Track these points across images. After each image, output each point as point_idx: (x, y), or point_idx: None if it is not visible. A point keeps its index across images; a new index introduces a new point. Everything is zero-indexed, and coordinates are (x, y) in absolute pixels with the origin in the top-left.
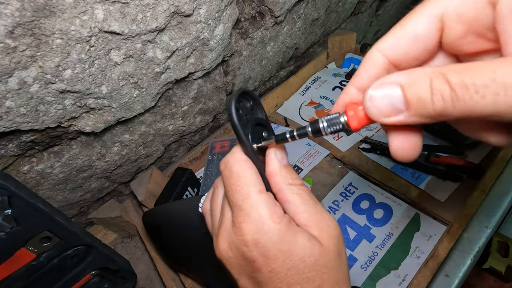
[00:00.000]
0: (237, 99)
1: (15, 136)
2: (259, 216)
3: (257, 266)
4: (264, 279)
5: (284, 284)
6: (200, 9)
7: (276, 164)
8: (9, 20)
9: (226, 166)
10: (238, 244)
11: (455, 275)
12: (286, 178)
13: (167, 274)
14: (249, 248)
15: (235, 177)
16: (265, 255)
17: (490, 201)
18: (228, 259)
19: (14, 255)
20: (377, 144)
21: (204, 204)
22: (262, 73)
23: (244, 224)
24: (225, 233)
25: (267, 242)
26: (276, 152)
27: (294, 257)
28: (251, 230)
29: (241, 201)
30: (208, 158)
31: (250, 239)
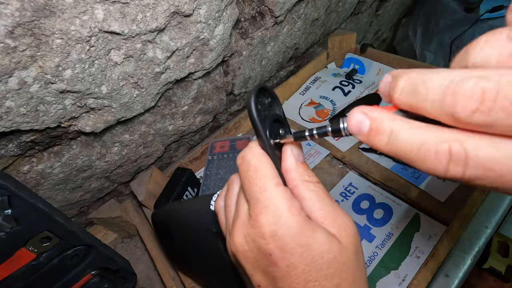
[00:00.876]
0: (256, 94)
1: (15, 136)
2: (277, 208)
3: (273, 260)
4: (280, 274)
5: (301, 280)
6: (200, 9)
7: (293, 160)
8: (9, 20)
9: (244, 159)
10: (254, 237)
11: (455, 275)
12: (302, 175)
13: (167, 274)
14: (266, 240)
15: (252, 170)
16: (283, 248)
17: (490, 201)
18: (243, 252)
19: (14, 255)
20: None
21: (218, 201)
22: (262, 73)
23: (262, 216)
24: (241, 226)
25: (285, 234)
26: (292, 149)
27: (313, 252)
28: (268, 222)
29: (258, 194)
30: (208, 158)
31: (267, 231)
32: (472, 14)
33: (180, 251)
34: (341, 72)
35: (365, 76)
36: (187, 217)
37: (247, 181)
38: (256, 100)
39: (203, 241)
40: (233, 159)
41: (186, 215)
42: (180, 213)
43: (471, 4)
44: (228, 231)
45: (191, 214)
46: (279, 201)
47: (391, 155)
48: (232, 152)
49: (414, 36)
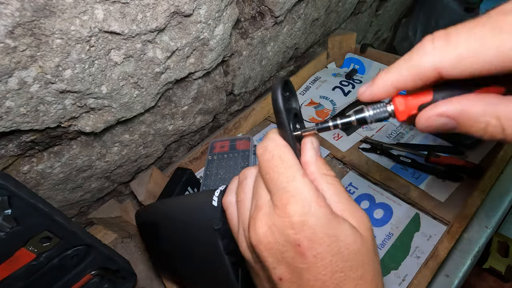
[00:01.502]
0: (283, 85)
1: (15, 136)
2: (306, 198)
3: (301, 250)
4: (306, 266)
5: (328, 271)
6: (200, 9)
7: (313, 153)
8: (9, 20)
9: (266, 149)
10: (281, 227)
11: (455, 275)
12: (321, 168)
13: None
14: (295, 230)
15: (277, 160)
16: (311, 239)
17: (490, 201)
18: (267, 244)
19: (14, 255)
20: (377, 144)
21: (227, 196)
22: (262, 73)
23: (290, 206)
24: (264, 217)
25: (314, 224)
26: (313, 142)
27: (340, 243)
28: (297, 212)
29: (285, 183)
30: (208, 158)
31: (297, 221)
32: (472, 14)
33: (167, 252)
34: (341, 72)
35: (365, 76)
36: (182, 214)
37: (271, 170)
38: (282, 91)
39: (199, 240)
40: (233, 159)
41: (180, 212)
42: (172, 210)
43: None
44: (243, 225)
45: (187, 211)
46: (308, 192)
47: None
48: (232, 152)
49: (414, 36)
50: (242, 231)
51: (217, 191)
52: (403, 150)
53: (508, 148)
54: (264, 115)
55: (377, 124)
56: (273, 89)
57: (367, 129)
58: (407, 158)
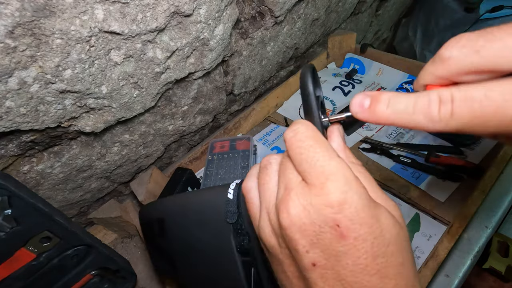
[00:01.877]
0: (312, 70)
1: (15, 136)
2: (346, 177)
3: (341, 231)
4: (345, 248)
5: (369, 255)
6: (200, 9)
7: (341, 141)
8: (9, 20)
9: (297, 132)
10: (319, 206)
11: (455, 275)
12: (349, 157)
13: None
14: (334, 209)
15: (312, 141)
16: (352, 219)
17: (490, 201)
18: (301, 226)
19: (14, 255)
20: (377, 144)
21: (247, 182)
22: (262, 73)
23: (330, 183)
24: (297, 197)
25: (356, 203)
26: (339, 129)
27: (382, 225)
28: (338, 189)
29: (323, 162)
30: (208, 158)
31: (336, 199)
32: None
33: (171, 250)
34: (341, 72)
35: (365, 76)
36: (191, 210)
37: (306, 150)
38: (312, 77)
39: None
40: (233, 159)
41: (189, 208)
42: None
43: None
44: (267, 209)
45: (198, 206)
46: (348, 171)
47: (390, 122)
48: (232, 152)
49: (414, 36)
50: (266, 215)
51: (233, 184)
52: (403, 150)
53: (508, 148)
54: (264, 115)
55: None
56: (302, 75)
57: (367, 129)
58: (407, 158)
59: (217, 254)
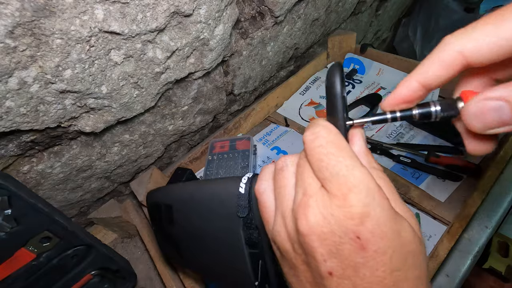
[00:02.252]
0: (341, 69)
1: (15, 136)
2: (369, 188)
3: (361, 243)
4: (364, 260)
5: (388, 267)
6: (200, 9)
7: (363, 144)
8: (9, 20)
9: (318, 136)
10: (340, 217)
11: (455, 275)
12: (371, 162)
13: (167, 274)
14: (355, 221)
15: (332, 147)
16: (373, 232)
17: (490, 201)
18: (320, 234)
19: (14, 255)
20: (377, 144)
21: (261, 184)
22: (262, 73)
23: (352, 195)
24: (317, 205)
25: (379, 216)
26: (362, 133)
27: (402, 239)
28: (360, 201)
29: (345, 171)
30: (208, 158)
31: (359, 212)
32: (472, 14)
33: (177, 236)
34: None
35: (365, 76)
36: (202, 199)
37: (326, 157)
38: (341, 76)
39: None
40: (233, 159)
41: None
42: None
43: (471, 4)
44: (282, 214)
45: (209, 196)
46: (371, 182)
47: None
48: (232, 152)
49: (414, 36)
50: (281, 219)
51: (245, 178)
52: (403, 150)
53: (508, 148)
54: (264, 115)
55: (377, 124)
56: (331, 73)
57: (367, 129)
58: (407, 158)
59: (225, 245)
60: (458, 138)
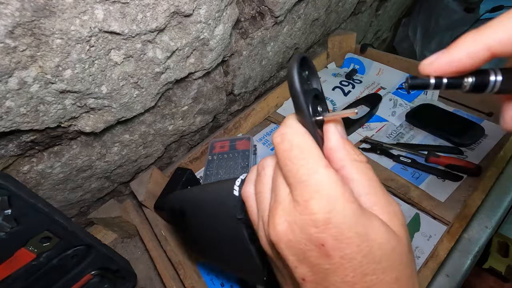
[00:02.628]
0: (299, 63)
1: (15, 136)
2: (331, 193)
3: (326, 250)
4: (332, 267)
5: (358, 273)
6: (200, 9)
7: (339, 137)
8: (9, 20)
9: (284, 138)
10: (303, 225)
11: (455, 275)
12: (350, 154)
13: (167, 274)
14: (319, 229)
15: (297, 150)
16: (338, 238)
17: (490, 201)
18: (287, 242)
19: (14, 255)
20: (377, 144)
21: (245, 188)
22: (262, 73)
23: (313, 202)
24: (283, 213)
25: (341, 222)
26: (337, 126)
27: (371, 243)
28: (321, 208)
29: (307, 176)
30: (208, 158)
31: (321, 219)
32: (472, 14)
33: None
34: (341, 72)
35: (365, 76)
36: (206, 202)
37: (290, 162)
38: (299, 70)
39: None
40: (233, 159)
41: (204, 201)
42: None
43: (471, 4)
44: (262, 219)
45: (211, 199)
46: (332, 185)
47: None
48: (232, 152)
49: (414, 36)
50: (262, 224)
51: (238, 180)
52: (403, 150)
53: (508, 148)
54: (264, 115)
55: (377, 124)
56: (289, 68)
57: (367, 129)
58: (407, 158)
59: (233, 244)
60: (458, 138)
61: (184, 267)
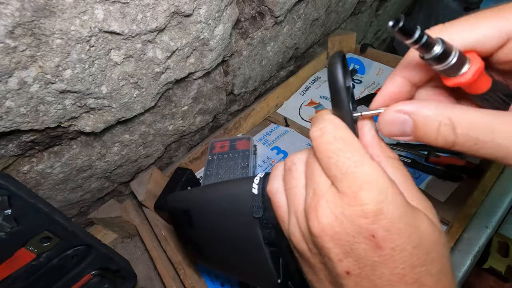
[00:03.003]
0: (342, 58)
1: (15, 136)
2: (380, 184)
3: (377, 241)
4: (382, 259)
5: (408, 264)
6: (200, 9)
7: (374, 133)
8: (9, 20)
9: (325, 131)
10: (352, 216)
11: (455, 275)
12: (385, 151)
13: (167, 274)
14: (369, 219)
15: (340, 142)
16: (388, 229)
17: (490, 201)
18: (333, 235)
19: (14, 255)
20: None
21: (273, 184)
22: (262, 73)
23: (364, 193)
24: (328, 205)
25: (392, 213)
26: (372, 123)
27: (421, 234)
28: (373, 199)
29: (354, 168)
30: (208, 158)
31: (372, 209)
32: None
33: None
34: None
35: (365, 76)
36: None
37: (334, 154)
38: (342, 67)
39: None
40: (233, 159)
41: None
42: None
43: (471, 4)
44: (295, 214)
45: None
46: (382, 177)
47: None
48: (232, 152)
49: None
50: (295, 220)
51: (257, 178)
52: (403, 150)
53: None
54: (264, 115)
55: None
56: (332, 64)
57: None
58: (407, 158)
59: (245, 245)
60: None
61: (184, 267)
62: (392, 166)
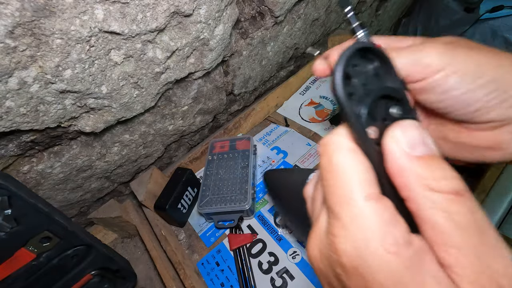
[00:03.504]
0: (347, 61)
1: (15, 136)
2: (363, 235)
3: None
4: None
5: None
6: (200, 9)
7: (402, 152)
8: (9, 20)
9: (325, 151)
10: (331, 261)
11: None
12: (423, 178)
13: (167, 274)
14: (345, 274)
15: (334, 171)
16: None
17: (490, 201)
18: (317, 267)
19: (14, 255)
20: None
21: (307, 187)
22: (262, 73)
23: (339, 241)
24: (316, 239)
25: (371, 275)
26: (405, 132)
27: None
28: (346, 253)
29: (338, 207)
30: (208, 158)
31: (347, 264)
32: (472, 14)
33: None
34: None
35: None
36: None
37: (326, 184)
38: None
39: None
40: (233, 159)
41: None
42: (284, 180)
43: (471, 4)
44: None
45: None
46: (368, 225)
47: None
48: (232, 152)
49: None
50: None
51: (311, 175)
52: None
53: None
54: (264, 115)
55: None
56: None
57: None
58: None
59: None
60: None
61: (184, 267)
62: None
